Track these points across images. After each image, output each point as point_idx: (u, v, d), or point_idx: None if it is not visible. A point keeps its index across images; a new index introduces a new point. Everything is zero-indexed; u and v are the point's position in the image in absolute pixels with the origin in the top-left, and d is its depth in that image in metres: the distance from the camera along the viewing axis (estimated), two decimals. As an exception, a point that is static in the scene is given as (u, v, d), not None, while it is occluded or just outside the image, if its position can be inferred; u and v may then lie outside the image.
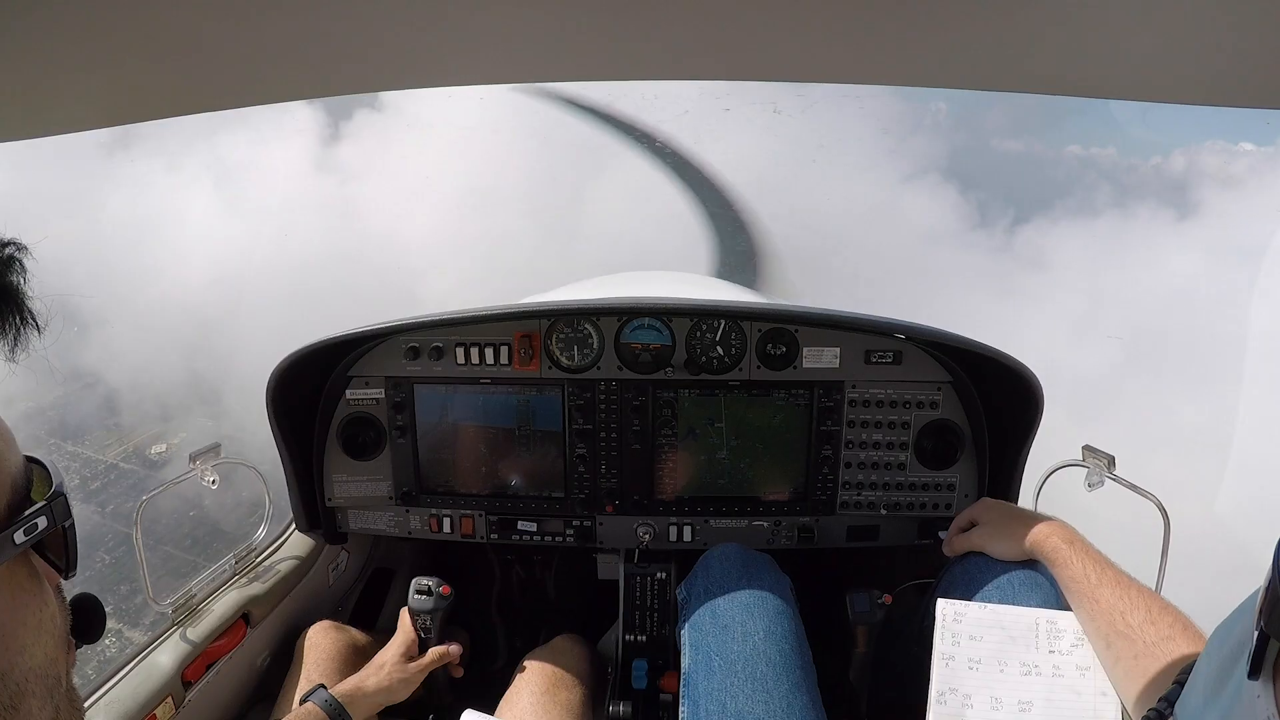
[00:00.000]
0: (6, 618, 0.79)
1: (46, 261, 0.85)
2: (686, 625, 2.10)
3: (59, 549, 0.86)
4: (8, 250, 0.80)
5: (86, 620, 0.93)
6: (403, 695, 2.24)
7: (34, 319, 0.81)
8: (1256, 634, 0.85)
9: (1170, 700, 1.41)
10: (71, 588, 0.93)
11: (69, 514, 0.86)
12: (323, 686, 2.08)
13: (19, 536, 0.79)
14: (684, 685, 1.99)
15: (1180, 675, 1.45)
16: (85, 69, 1.05)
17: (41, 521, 0.81)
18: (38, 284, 0.82)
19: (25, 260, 0.81)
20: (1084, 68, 1.19)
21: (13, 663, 0.78)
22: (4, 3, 0.83)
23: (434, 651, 2.31)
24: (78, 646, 0.93)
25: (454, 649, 2.36)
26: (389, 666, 2.23)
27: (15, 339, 0.80)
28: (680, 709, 1.97)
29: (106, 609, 0.97)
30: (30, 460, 0.86)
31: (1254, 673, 0.85)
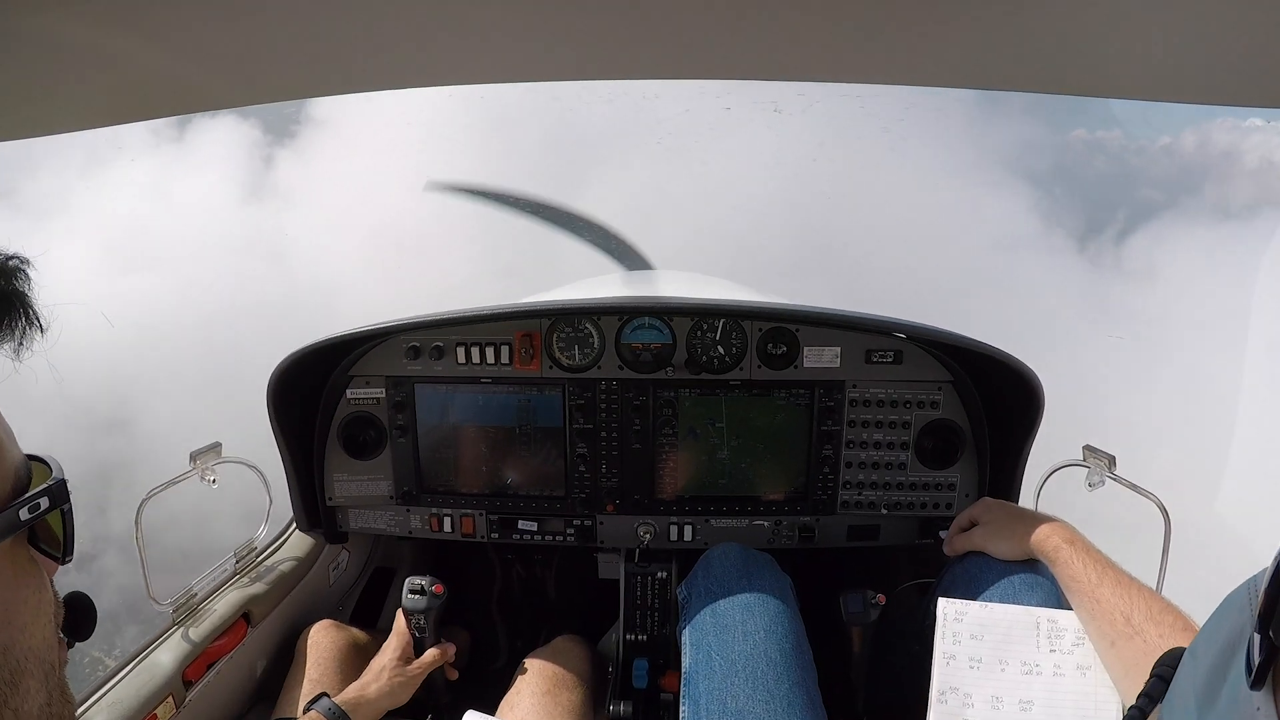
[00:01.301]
0: (9, 595, 0.82)
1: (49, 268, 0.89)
2: (687, 624, 2.10)
3: (53, 539, 0.90)
4: (13, 261, 0.84)
5: (79, 618, 0.96)
6: (404, 698, 2.24)
7: (38, 320, 0.85)
8: (1260, 643, 0.80)
9: (1151, 696, 1.40)
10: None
11: (68, 498, 0.90)
12: (325, 695, 2.08)
13: (23, 514, 0.82)
14: (685, 685, 1.99)
15: (1159, 668, 1.43)
16: (74, 68, 1.05)
17: (44, 502, 0.85)
18: (41, 290, 0.86)
19: (29, 270, 0.85)
20: (1087, 67, 1.19)
21: (14, 639, 0.81)
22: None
23: (431, 653, 2.31)
24: (70, 645, 0.95)
25: (449, 648, 2.36)
26: (388, 671, 2.23)
27: (21, 340, 0.84)
28: (681, 708, 1.97)
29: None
30: (32, 458, 0.89)
31: (1257, 683, 0.81)
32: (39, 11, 0.90)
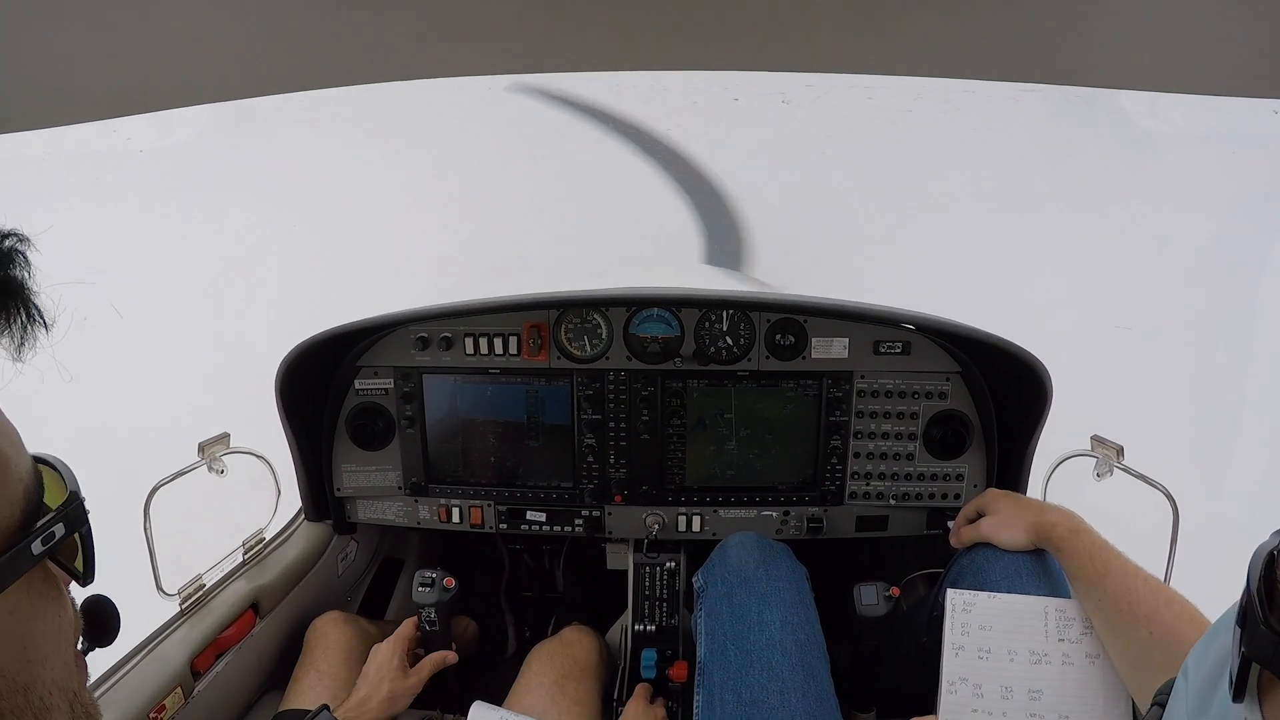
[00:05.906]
0: (27, 627, 0.76)
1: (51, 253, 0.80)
2: (702, 614, 2.11)
3: (73, 554, 0.83)
4: (9, 242, 0.75)
5: (101, 623, 0.90)
6: (405, 705, 2.23)
7: (40, 315, 0.77)
8: (1238, 656, 0.81)
9: None
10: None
11: (85, 519, 0.82)
12: (326, 708, 2.03)
13: (36, 547, 0.75)
14: (699, 674, 2.00)
15: (1158, 696, 1.43)
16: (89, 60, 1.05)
17: (59, 529, 0.78)
18: (43, 277, 0.77)
19: (29, 253, 0.77)
20: (1093, 58, 1.19)
21: (36, 675, 0.76)
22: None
23: (430, 661, 2.30)
24: (91, 650, 0.90)
25: (450, 656, 2.34)
26: (388, 682, 2.19)
27: (22, 337, 0.76)
28: (695, 698, 1.97)
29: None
30: (40, 461, 0.82)
31: (1238, 696, 0.82)
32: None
